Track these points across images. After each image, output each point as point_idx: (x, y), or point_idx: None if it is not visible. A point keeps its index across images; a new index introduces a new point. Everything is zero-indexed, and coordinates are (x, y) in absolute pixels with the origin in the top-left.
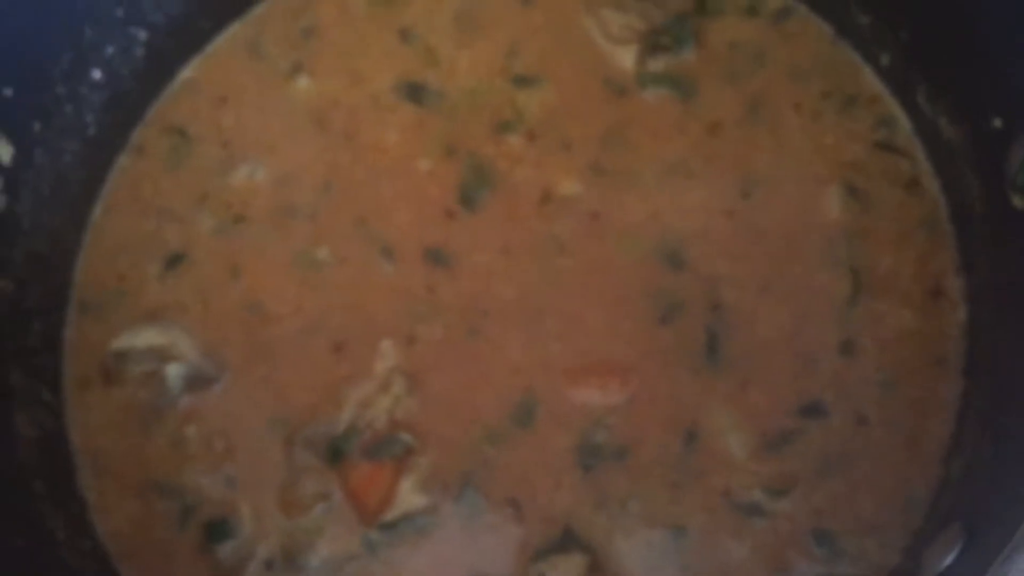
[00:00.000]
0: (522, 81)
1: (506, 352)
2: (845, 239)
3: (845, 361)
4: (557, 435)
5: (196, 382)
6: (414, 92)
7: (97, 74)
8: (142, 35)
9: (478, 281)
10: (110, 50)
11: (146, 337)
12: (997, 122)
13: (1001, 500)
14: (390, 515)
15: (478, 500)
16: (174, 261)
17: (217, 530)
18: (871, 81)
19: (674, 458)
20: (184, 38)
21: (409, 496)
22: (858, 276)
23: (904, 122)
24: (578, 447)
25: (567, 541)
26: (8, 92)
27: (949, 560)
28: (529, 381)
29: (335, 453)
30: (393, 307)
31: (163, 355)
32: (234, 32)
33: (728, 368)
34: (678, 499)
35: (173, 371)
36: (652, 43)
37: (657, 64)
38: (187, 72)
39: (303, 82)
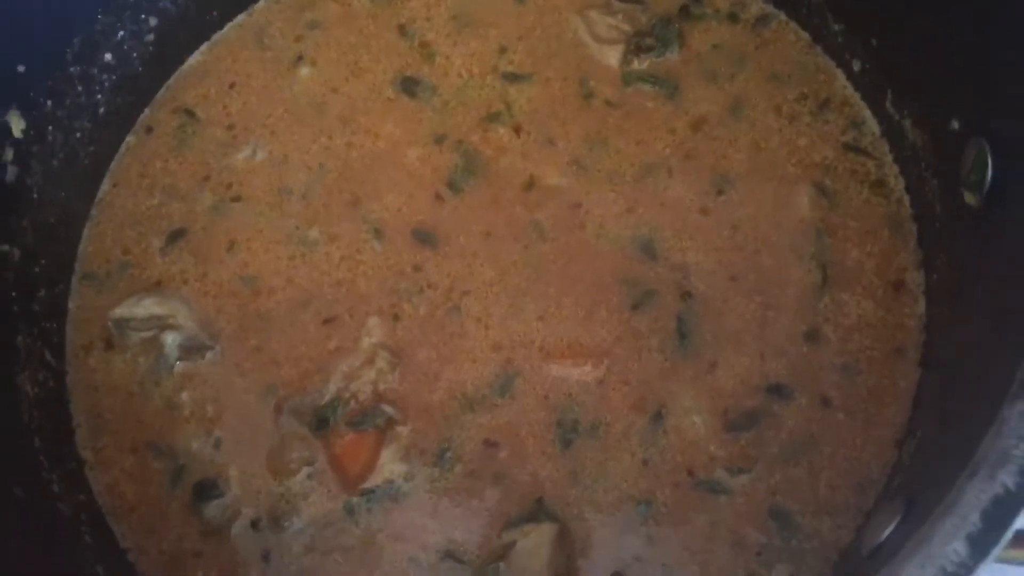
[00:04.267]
0: (512, 77)
1: (487, 329)
2: (814, 235)
3: (810, 348)
4: (535, 406)
5: (192, 350)
6: (409, 86)
7: (108, 57)
8: (152, 21)
9: (462, 262)
10: (121, 34)
11: (146, 306)
12: (955, 124)
13: (940, 475)
14: (371, 482)
15: (455, 468)
16: (175, 236)
17: (206, 490)
18: (843, 85)
19: (643, 436)
20: (193, 26)
21: (390, 464)
22: (825, 269)
23: (872, 125)
24: (557, 422)
25: (538, 511)
26: (21, 68)
27: (888, 531)
28: (509, 355)
29: (320, 422)
30: (380, 284)
31: (162, 324)
32: (242, 22)
33: (697, 353)
34: (646, 474)
35: (171, 339)
36: (637, 44)
37: (641, 64)
38: (197, 57)
39: (305, 71)
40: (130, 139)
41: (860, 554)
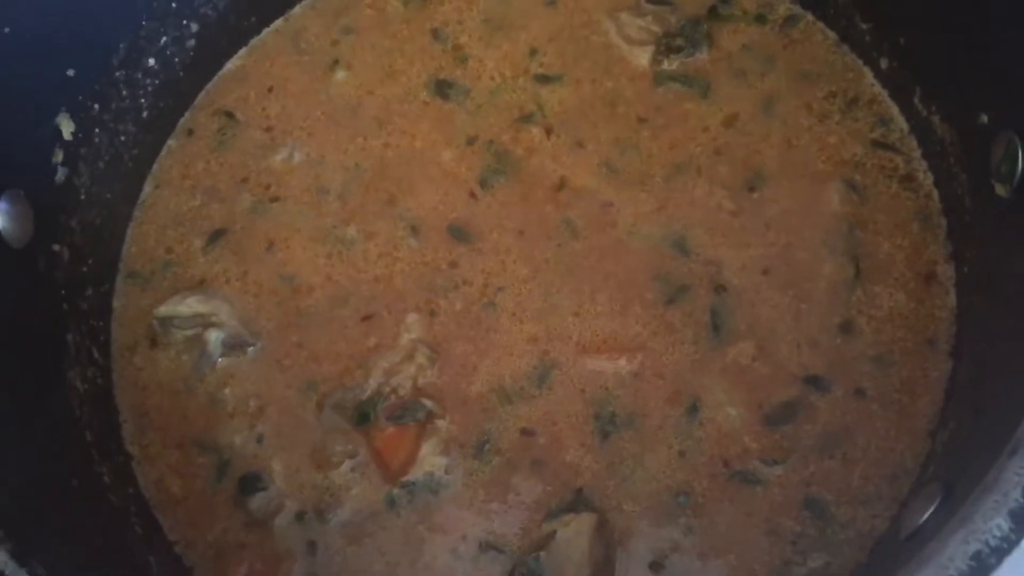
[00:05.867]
0: (543, 79)
1: (521, 324)
2: (845, 229)
3: (844, 339)
4: (572, 398)
5: (234, 347)
6: (443, 88)
7: (151, 62)
8: (193, 27)
9: (495, 258)
10: (164, 40)
11: (190, 304)
12: (984, 118)
13: (977, 460)
14: (412, 475)
15: (494, 460)
16: (216, 236)
17: (250, 484)
18: (871, 83)
19: (679, 428)
20: (232, 31)
21: (430, 457)
22: (857, 262)
23: (900, 122)
24: (594, 415)
25: (577, 502)
26: (71, 72)
27: (926, 516)
28: (545, 347)
29: (362, 416)
30: (417, 280)
31: (205, 322)
32: (279, 27)
33: (731, 345)
34: (683, 466)
35: (214, 336)
36: (667, 45)
37: (671, 64)
38: (236, 62)
39: (341, 75)
40: (171, 142)
41: (898, 538)
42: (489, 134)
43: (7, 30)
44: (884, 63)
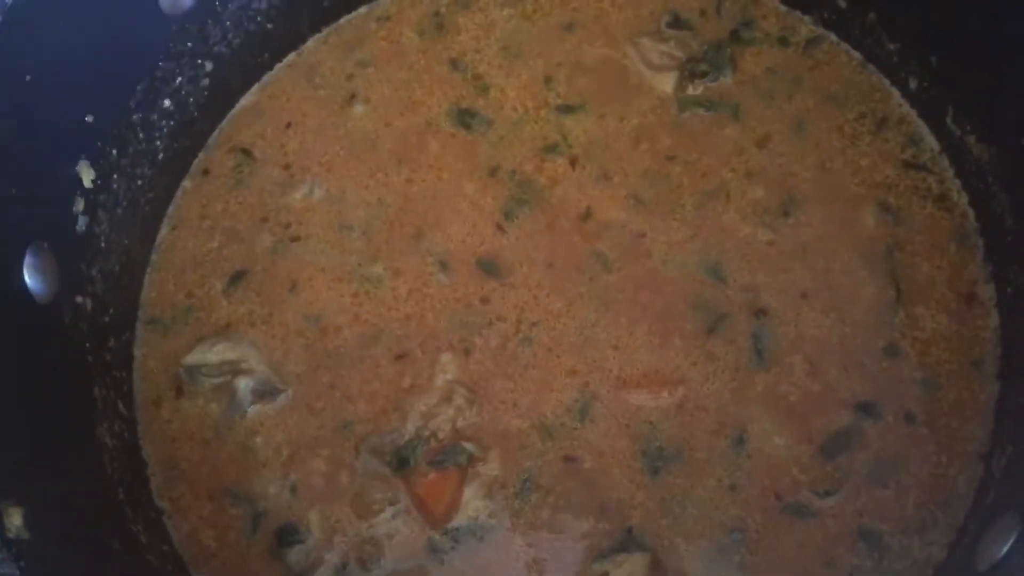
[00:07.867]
0: (566, 109)
1: (558, 358)
2: (883, 251)
3: (890, 363)
4: (616, 433)
5: (264, 394)
6: (465, 118)
7: (167, 103)
8: (208, 66)
9: (528, 293)
10: (179, 80)
11: (219, 352)
12: None
13: None
14: (456, 520)
15: (539, 500)
16: (237, 277)
17: (286, 536)
18: (899, 104)
19: (727, 461)
20: (245, 69)
21: (473, 501)
22: (897, 284)
23: (931, 141)
24: (642, 451)
25: (628, 541)
26: (90, 118)
27: (1006, 548)
28: (585, 379)
29: (401, 462)
30: (450, 318)
31: (234, 369)
32: (292, 62)
33: (776, 370)
34: (736, 500)
35: (243, 384)
36: (691, 70)
37: (696, 89)
38: (250, 98)
39: (359, 109)
40: (186, 183)
41: (972, 570)
42: (512, 164)
43: (28, 78)
44: (913, 83)
